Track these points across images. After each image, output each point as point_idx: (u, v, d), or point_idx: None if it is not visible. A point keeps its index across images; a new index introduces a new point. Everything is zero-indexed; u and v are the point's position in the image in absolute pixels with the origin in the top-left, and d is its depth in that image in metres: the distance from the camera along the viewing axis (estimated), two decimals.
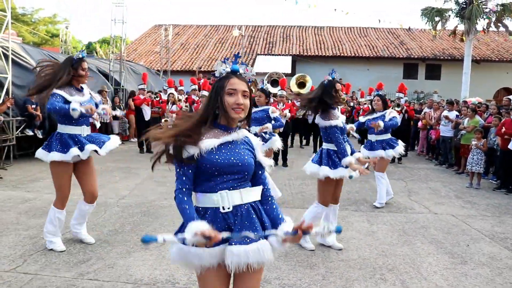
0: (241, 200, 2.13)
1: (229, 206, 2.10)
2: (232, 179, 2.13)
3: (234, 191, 2.12)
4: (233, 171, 2.12)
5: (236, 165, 2.12)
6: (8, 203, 6.28)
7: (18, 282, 3.66)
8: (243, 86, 2.16)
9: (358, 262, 4.36)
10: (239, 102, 2.12)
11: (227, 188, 2.11)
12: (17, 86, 10.15)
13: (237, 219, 2.10)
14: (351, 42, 28.95)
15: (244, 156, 2.16)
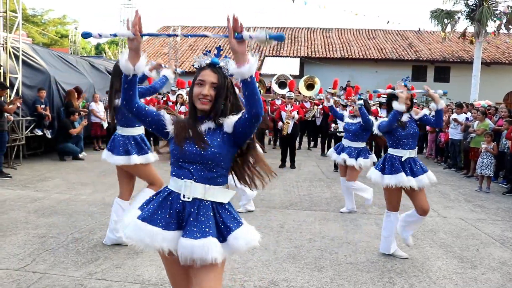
0: (203, 195, 2.13)
1: (190, 196, 2.12)
2: (195, 169, 2.14)
3: (198, 184, 2.13)
4: (196, 160, 2.14)
5: (199, 153, 2.13)
6: (17, 202, 6.32)
7: (27, 280, 3.67)
8: (213, 78, 2.16)
9: (367, 265, 4.34)
10: (203, 92, 2.14)
11: (192, 178, 2.13)
12: (27, 86, 10.23)
13: (193, 212, 2.10)
14: (359, 44, 28.86)
15: (208, 146, 2.15)
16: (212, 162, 2.14)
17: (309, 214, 6.19)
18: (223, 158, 2.16)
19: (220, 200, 2.17)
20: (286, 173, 9.52)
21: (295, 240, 5.03)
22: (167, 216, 2.12)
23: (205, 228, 2.06)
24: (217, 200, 2.16)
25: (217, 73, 2.18)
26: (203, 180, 2.14)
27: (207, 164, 2.14)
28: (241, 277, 3.91)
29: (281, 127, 9.88)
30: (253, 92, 2.01)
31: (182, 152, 2.16)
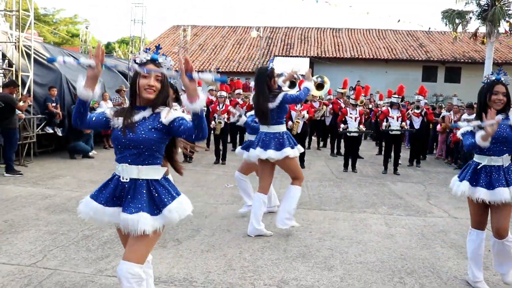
0: (138, 175, 2.46)
1: (127, 178, 2.47)
2: (130, 153, 2.46)
3: (132, 166, 2.46)
4: (129, 145, 2.45)
5: (131, 139, 2.43)
6: (28, 199, 6.37)
7: (38, 276, 3.70)
8: (156, 70, 2.48)
9: (377, 265, 4.31)
10: (150, 83, 2.45)
11: (127, 161, 2.46)
12: (38, 84, 10.30)
13: (131, 190, 2.46)
14: (369, 44, 28.77)
15: (141, 131, 2.43)
16: (144, 146, 2.44)
17: (319, 214, 6.17)
18: (154, 143, 2.45)
19: (154, 177, 2.50)
20: None
21: (305, 239, 5.02)
22: (107, 195, 2.52)
23: (138, 204, 2.42)
24: (151, 178, 2.49)
25: (160, 67, 2.50)
26: (136, 162, 2.46)
27: (139, 148, 2.44)
28: (251, 275, 3.91)
29: (291, 126, 9.85)
30: (201, 123, 2.31)
31: (118, 139, 2.46)
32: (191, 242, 4.74)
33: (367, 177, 9.35)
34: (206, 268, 4.02)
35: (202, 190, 7.45)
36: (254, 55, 27.93)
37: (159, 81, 2.48)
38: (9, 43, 9.79)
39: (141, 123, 2.46)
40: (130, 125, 2.43)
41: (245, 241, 4.86)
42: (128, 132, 2.42)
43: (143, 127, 2.44)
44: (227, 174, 9.08)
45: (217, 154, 10.45)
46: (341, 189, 7.92)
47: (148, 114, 2.48)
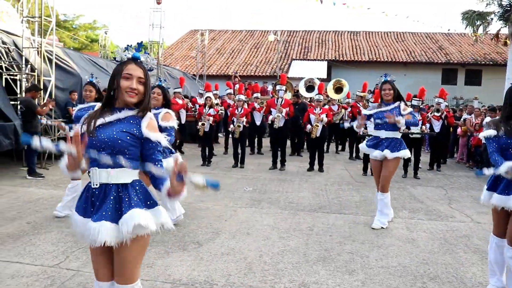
0: (108, 179, 2.24)
1: (97, 183, 2.26)
2: (100, 155, 2.22)
3: (102, 170, 2.24)
4: (100, 147, 2.23)
5: (102, 141, 2.23)
6: (50, 202, 6.46)
7: (61, 277, 3.74)
8: (139, 72, 2.30)
9: (398, 270, 4.26)
10: (132, 86, 2.26)
11: (97, 165, 2.24)
12: (59, 88, 10.45)
13: (100, 197, 2.26)
14: (387, 47, 28.56)
15: (113, 132, 2.24)
16: (115, 148, 2.23)
17: (339, 217, 6.13)
18: (125, 145, 2.25)
19: (124, 181, 2.27)
20: (314, 176, 9.46)
21: (325, 243, 4.98)
22: (84, 205, 2.31)
23: (103, 212, 2.21)
24: (123, 182, 2.27)
25: (142, 68, 2.32)
26: (106, 166, 2.24)
27: (111, 150, 2.23)
28: (271, 278, 3.89)
29: (310, 130, 9.82)
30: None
31: (89, 141, 2.24)
32: (211, 245, 4.75)
33: None
34: (226, 271, 4.02)
35: (221, 193, 7.46)
36: (272, 58, 27.94)
37: (142, 84, 2.30)
38: (32, 48, 9.96)
39: (114, 124, 2.28)
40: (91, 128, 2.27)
41: (265, 244, 4.85)
42: (98, 133, 2.25)
43: (115, 128, 2.25)
44: (245, 177, 9.08)
45: (236, 158, 10.46)
46: (360, 193, 7.85)
47: (124, 116, 2.30)
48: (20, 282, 3.64)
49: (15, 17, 12.65)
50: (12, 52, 9.67)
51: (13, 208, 6.03)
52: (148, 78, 2.34)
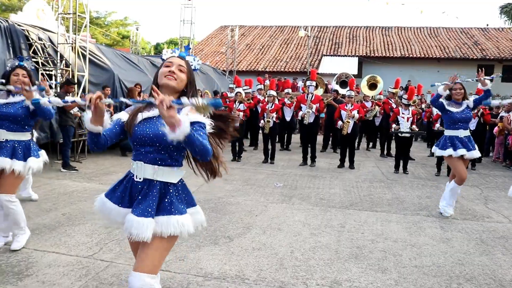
0: (153, 176, 2.25)
1: (141, 177, 2.27)
2: (146, 151, 2.25)
3: (148, 165, 2.25)
4: (146, 142, 2.25)
5: (147, 136, 2.24)
6: (84, 194, 6.59)
7: (96, 268, 3.81)
8: (181, 62, 2.32)
9: (433, 269, 4.16)
10: (170, 69, 2.28)
11: (143, 159, 2.26)
12: (92, 83, 10.65)
13: (143, 191, 2.26)
14: (420, 43, 27.99)
15: (158, 128, 2.20)
16: (160, 144, 2.23)
17: (370, 215, 6.03)
18: (171, 141, 2.12)
19: (168, 180, 2.29)
20: (345, 173, 9.37)
21: (357, 240, 4.92)
22: (122, 195, 2.32)
23: (148, 208, 2.21)
24: (166, 180, 2.28)
25: (185, 60, 2.36)
26: (153, 162, 2.26)
27: (156, 146, 2.24)
28: (303, 274, 3.86)
29: (341, 126, 9.71)
30: (193, 147, 2.09)
31: (135, 135, 2.27)
32: (242, 239, 4.75)
33: (419, 179, 9.07)
34: (258, 266, 4.01)
35: (252, 188, 7.46)
36: (302, 54, 27.78)
37: (182, 72, 2.30)
38: (66, 44, 10.17)
39: (159, 118, 2.22)
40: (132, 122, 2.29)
41: (296, 240, 4.81)
42: (144, 128, 2.25)
43: (160, 123, 2.17)
44: (276, 173, 9.06)
45: (266, 154, 10.44)
46: (392, 191, 7.72)
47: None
48: (57, 271, 3.72)
49: (50, 14, 12.97)
50: (48, 48, 9.91)
51: (49, 199, 6.17)
52: (191, 73, 2.35)
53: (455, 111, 5.95)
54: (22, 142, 4.12)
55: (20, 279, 3.53)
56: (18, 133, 4.09)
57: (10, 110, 4.03)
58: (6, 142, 4.04)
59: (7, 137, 4.05)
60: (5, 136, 4.04)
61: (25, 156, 4.10)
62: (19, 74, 4.05)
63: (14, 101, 4.07)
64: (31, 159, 4.15)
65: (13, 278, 3.55)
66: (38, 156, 4.25)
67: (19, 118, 4.04)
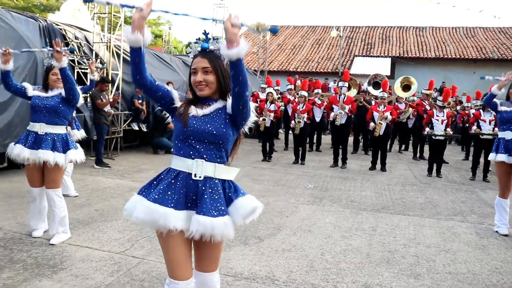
0: (214, 174, 2.18)
1: (201, 175, 2.16)
2: (206, 148, 2.18)
3: (209, 163, 2.18)
4: (206, 139, 2.17)
5: (210, 132, 2.17)
6: (117, 191, 6.69)
7: (127, 264, 3.86)
8: (203, 63, 2.22)
9: (468, 277, 4.04)
10: (197, 79, 2.21)
11: (202, 157, 2.17)
12: (126, 82, 10.81)
13: (206, 190, 2.15)
14: (456, 43, 27.34)
15: (220, 125, 2.18)
16: (223, 141, 2.20)
17: (403, 219, 5.92)
18: (230, 138, 2.23)
19: (227, 178, 2.25)
20: (376, 175, 9.23)
21: (389, 244, 4.82)
22: (176, 197, 2.15)
23: (220, 207, 2.14)
24: (224, 178, 2.23)
25: (207, 57, 2.24)
26: (213, 159, 2.20)
27: (217, 144, 2.19)
28: (333, 277, 3.81)
29: (373, 127, 9.57)
30: (238, 73, 2.03)
31: (193, 130, 2.18)
32: (272, 240, 4.73)
33: (453, 183, 8.85)
34: (288, 267, 3.98)
35: (282, 189, 7.43)
36: (334, 55, 27.55)
37: (209, 73, 2.22)
38: (101, 43, 10.37)
39: (207, 116, 2.21)
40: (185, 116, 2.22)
41: (326, 242, 4.76)
42: (194, 126, 2.18)
43: (210, 121, 2.19)
44: (306, 174, 9.01)
45: (296, 154, 10.39)
46: (425, 195, 7.55)
47: (214, 108, 2.23)
48: (90, 266, 3.78)
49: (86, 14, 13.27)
50: (84, 47, 10.12)
51: (82, 195, 6.30)
52: (219, 68, 2.24)
53: (504, 110, 5.52)
54: (59, 135, 4.31)
55: (55, 272, 3.61)
56: (56, 126, 4.28)
57: (50, 102, 4.24)
58: (45, 136, 4.23)
59: (46, 130, 4.24)
60: (45, 129, 4.23)
61: (64, 149, 4.30)
62: (56, 73, 4.26)
63: (52, 94, 4.30)
64: (71, 151, 4.36)
65: (48, 270, 3.63)
66: (76, 147, 4.48)
67: (58, 109, 4.24)
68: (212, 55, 2.25)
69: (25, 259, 3.86)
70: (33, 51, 6.50)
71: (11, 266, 3.70)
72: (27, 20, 8.53)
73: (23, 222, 4.90)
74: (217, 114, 2.22)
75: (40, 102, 4.23)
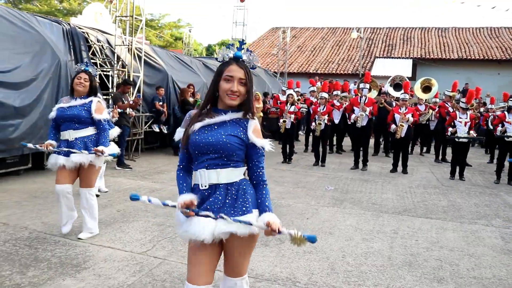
0: (217, 180, 2.22)
1: (206, 184, 2.23)
2: (209, 158, 2.22)
3: (211, 171, 2.22)
4: (209, 150, 2.21)
5: (211, 144, 2.20)
6: (138, 192, 6.71)
7: (149, 264, 3.89)
8: (240, 73, 2.21)
9: (493, 282, 3.95)
10: (233, 89, 2.19)
11: (204, 167, 2.23)
12: (147, 84, 10.92)
13: (211, 197, 2.23)
14: (480, 44, 26.87)
15: (221, 136, 2.20)
16: (224, 152, 2.20)
17: (425, 222, 5.83)
18: (234, 149, 2.21)
19: (234, 180, 2.25)
20: (398, 178, 9.12)
21: (411, 247, 4.76)
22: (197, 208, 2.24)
23: (231, 211, 2.20)
24: (232, 180, 2.24)
25: (243, 68, 2.23)
26: (214, 166, 2.23)
27: (220, 153, 2.21)
28: (355, 280, 3.78)
29: (394, 129, 9.47)
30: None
31: (196, 143, 2.23)
32: None
33: (476, 186, 8.70)
34: (309, 270, 3.96)
35: (302, 191, 7.40)
36: (354, 56, 27.37)
37: (243, 85, 2.22)
38: (123, 46, 10.49)
39: (220, 126, 2.23)
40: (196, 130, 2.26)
41: (347, 245, 4.72)
42: (204, 136, 2.21)
43: (223, 131, 2.21)
44: (327, 176, 8.96)
45: (317, 156, 10.34)
46: (448, 198, 7.43)
47: (229, 118, 2.25)
48: (112, 265, 3.82)
49: (107, 17, 13.44)
50: (106, 50, 10.25)
51: (104, 196, 6.37)
52: (250, 78, 2.25)
53: None
54: (89, 137, 4.50)
55: (78, 271, 3.66)
56: (83, 129, 4.46)
57: (74, 112, 4.40)
58: (76, 140, 4.41)
59: (76, 135, 4.43)
60: (74, 135, 4.42)
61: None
62: (82, 77, 4.45)
63: (75, 104, 4.44)
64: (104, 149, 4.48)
65: (72, 270, 3.69)
66: (108, 144, 4.62)
67: (82, 118, 4.40)
68: (248, 68, 2.27)
69: (49, 258, 3.93)
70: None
71: (36, 264, 3.76)
72: (51, 24, 8.69)
73: (48, 221, 5.00)
74: (222, 125, 2.25)
75: (64, 113, 4.40)
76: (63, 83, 7.91)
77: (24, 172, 7.64)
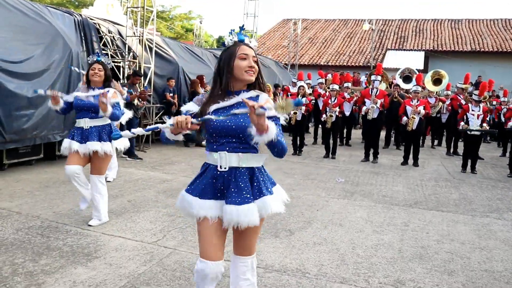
0: (238, 163, 2.27)
1: (226, 166, 2.27)
2: (228, 141, 2.27)
3: (232, 154, 2.26)
4: (228, 133, 2.26)
5: (229, 127, 2.24)
6: (148, 182, 6.79)
7: (159, 254, 3.91)
8: (252, 52, 2.32)
9: (505, 275, 3.92)
10: (251, 65, 2.27)
11: (225, 149, 2.27)
12: (158, 75, 10.95)
13: (231, 180, 2.27)
14: (494, 36, 26.51)
15: (240, 119, 2.23)
16: (243, 135, 2.23)
17: (436, 215, 5.80)
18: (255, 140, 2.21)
19: (254, 165, 2.32)
20: (409, 170, 9.06)
21: (422, 240, 4.74)
22: (204, 187, 2.32)
23: (246, 194, 2.24)
24: (251, 166, 2.31)
25: (252, 49, 2.34)
26: (236, 150, 2.27)
27: (239, 137, 2.26)
28: (365, 272, 3.77)
29: (406, 122, 9.40)
30: (274, 146, 2.20)
31: (214, 127, 2.26)
32: (303, 233, 4.71)
33: (488, 179, 8.62)
34: (318, 261, 3.96)
35: (312, 183, 7.39)
36: (366, 48, 27.17)
37: (255, 63, 2.31)
38: (134, 37, 10.51)
39: (236, 109, 2.22)
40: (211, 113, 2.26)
41: (358, 236, 4.71)
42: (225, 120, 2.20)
43: (240, 114, 2.20)
44: (337, 168, 8.94)
45: (327, 148, 10.31)
46: (459, 191, 7.38)
47: (254, 94, 2.30)
48: (123, 255, 3.85)
49: (118, 8, 13.47)
50: (117, 41, 10.28)
51: (115, 186, 6.42)
52: (258, 61, 2.36)
53: None
54: (104, 126, 4.62)
55: (89, 260, 3.69)
56: (99, 119, 4.57)
57: (90, 102, 4.51)
58: (91, 129, 4.55)
59: (91, 124, 4.57)
60: (89, 124, 4.57)
61: (109, 138, 4.59)
62: (96, 68, 4.56)
63: (92, 94, 4.55)
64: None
65: (83, 259, 3.72)
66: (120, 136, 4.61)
67: (98, 108, 4.44)
68: (254, 49, 2.38)
69: (61, 247, 3.97)
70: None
71: (48, 253, 3.80)
72: (63, 15, 8.72)
73: (59, 211, 5.05)
74: (237, 106, 2.24)
75: (81, 103, 4.54)
76: (75, 74, 7.94)
77: (36, 162, 7.71)
